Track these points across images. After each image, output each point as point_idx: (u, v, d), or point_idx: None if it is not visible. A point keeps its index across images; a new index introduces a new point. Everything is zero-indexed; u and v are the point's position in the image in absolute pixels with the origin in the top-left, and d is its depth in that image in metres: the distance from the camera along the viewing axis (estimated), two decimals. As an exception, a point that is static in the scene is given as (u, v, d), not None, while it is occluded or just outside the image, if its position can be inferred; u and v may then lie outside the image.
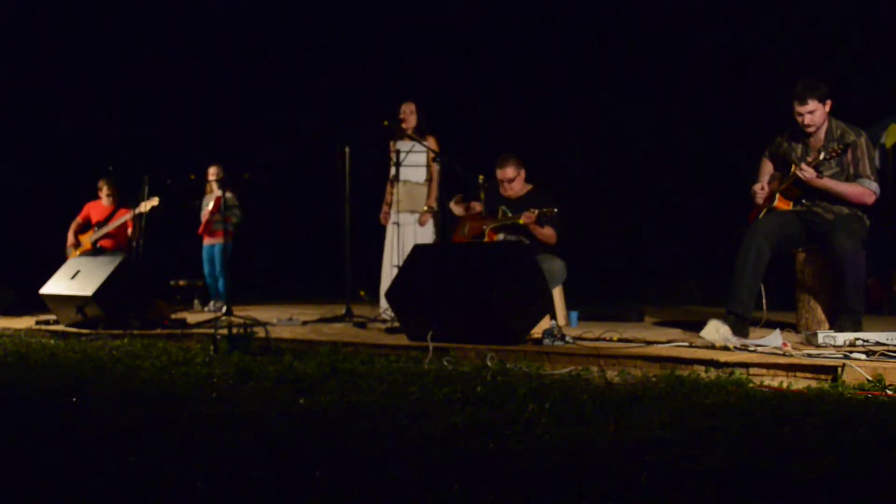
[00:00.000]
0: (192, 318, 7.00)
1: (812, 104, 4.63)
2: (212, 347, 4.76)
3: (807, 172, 4.63)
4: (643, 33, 12.54)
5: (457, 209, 6.35)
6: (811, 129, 4.71)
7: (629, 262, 12.06)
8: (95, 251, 7.60)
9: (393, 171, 6.65)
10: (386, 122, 6.51)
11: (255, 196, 8.94)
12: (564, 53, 12.94)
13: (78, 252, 7.79)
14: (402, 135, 6.64)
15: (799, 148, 4.84)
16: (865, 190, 4.61)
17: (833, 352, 3.74)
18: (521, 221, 5.70)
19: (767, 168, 5.08)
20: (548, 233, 5.75)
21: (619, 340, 4.47)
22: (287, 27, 13.88)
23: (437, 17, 13.43)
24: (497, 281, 4.52)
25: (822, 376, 3.42)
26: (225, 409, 3.01)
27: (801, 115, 4.67)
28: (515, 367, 3.93)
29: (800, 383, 3.43)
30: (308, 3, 13.71)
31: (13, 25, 11.61)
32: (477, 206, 6.21)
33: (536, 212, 5.62)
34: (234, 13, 13.52)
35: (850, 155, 4.64)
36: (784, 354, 3.74)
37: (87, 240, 7.99)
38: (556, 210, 5.60)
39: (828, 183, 4.64)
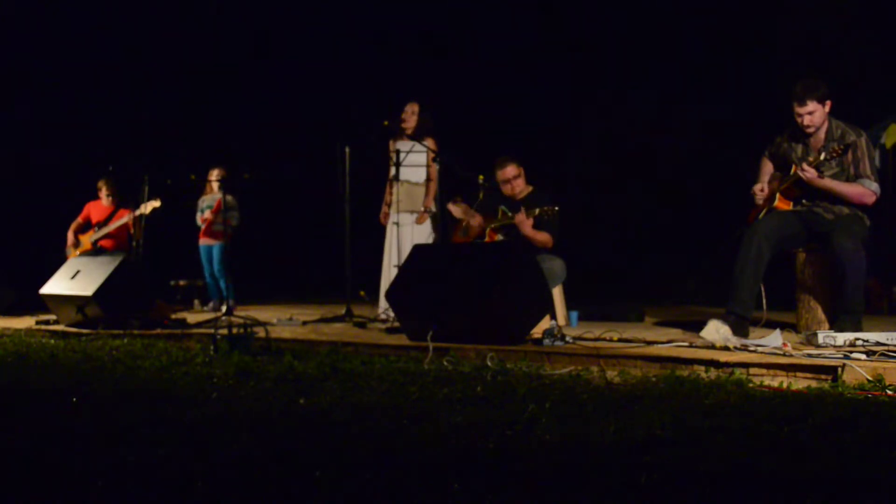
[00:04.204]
0: (192, 318, 7.00)
1: (811, 105, 4.62)
2: (212, 347, 4.76)
3: (808, 173, 4.63)
4: (644, 33, 12.54)
5: (456, 210, 6.33)
6: (811, 130, 4.71)
7: (629, 262, 12.06)
8: (95, 251, 7.59)
9: (392, 171, 6.65)
10: (386, 122, 6.51)
11: (255, 196, 8.94)
12: (565, 53, 12.94)
13: (78, 252, 7.79)
14: (402, 135, 6.64)
15: (799, 148, 4.84)
16: (865, 190, 4.61)
17: (833, 352, 3.74)
18: (514, 221, 5.66)
19: (767, 168, 5.08)
20: (542, 238, 5.71)
21: (619, 340, 4.47)
22: (287, 27, 13.88)
23: (438, 17, 13.43)
24: (497, 281, 4.52)
25: (822, 376, 3.42)
26: (225, 409, 3.01)
27: (800, 115, 4.67)
28: (515, 367, 3.93)
29: (800, 383, 3.43)
30: (308, 2, 13.71)
31: (14, 25, 11.61)
32: (476, 218, 6.16)
33: (536, 210, 5.59)
34: (235, 13, 13.52)
35: (850, 155, 4.63)
36: (784, 354, 3.74)
37: (87, 240, 7.99)
38: (556, 208, 5.57)
39: (828, 183, 4.64)
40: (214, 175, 8.31)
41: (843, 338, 3.86)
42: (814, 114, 4.64)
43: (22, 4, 11.78)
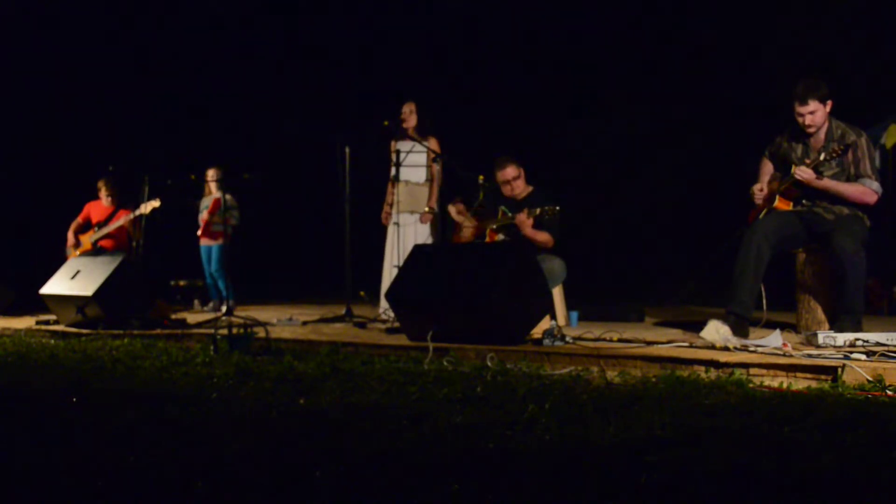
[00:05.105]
0: (192, 318, 7.00)
1: (813, 104, 4.62)
2: (212, 347, 4.76)
3: (805, 174, 4.63)
4: (643, 33, 12.54)
5: (451, 211, 6.34)
6: (812, 130, 4.70)
7: (629, 262, 12.06)
8: (95, 251, 7.60)
9: (393, 171, 6.65)
10: (386, 122, 6.51)
11: (254, 196, 8.94)
12: (564, 53, 12.94)
13: (78, 252, 7.80)
14: (403, 135, 6.65)
15: (799, 148, 4.84)
16: (867, 189, 4.60)
17: (833, 352, 3.74)
18: (515, 222, 5.66)
19: (767, 168, 5.07)
20: (543, 238, 5.70)
21: (619, 340, 4.47)
22: (287, 27, 13.88)
23: (438, 17, 13.42)
24: (497, 281, 4.52)
25: (822, 377, 3.42)
26: (225, 409, 3.01)
27: (801, 115, 4.66)
28: (515, 367, 3.93)
29: (800, 383, 3.42)
30: (308, 3, 13.71)
31: (14, 25, 11.61)
32: (470, 223, 6.16)
33: (538, 210, 5.58)
34: (235, 13, 13.52)
35: (850, 155, 4.63)
36: (784, 355, 3.73)
37: (87, 240, 7.99)
38: (558, 208, 5.56)
39: (828, 183, 4.63)
40: (210, 175, 8.31)
41: (843, 338, 3.86)
42: (815, 113, 4.64)
43: (21, 3, 11.78)
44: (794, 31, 11.35)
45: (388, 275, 6.49)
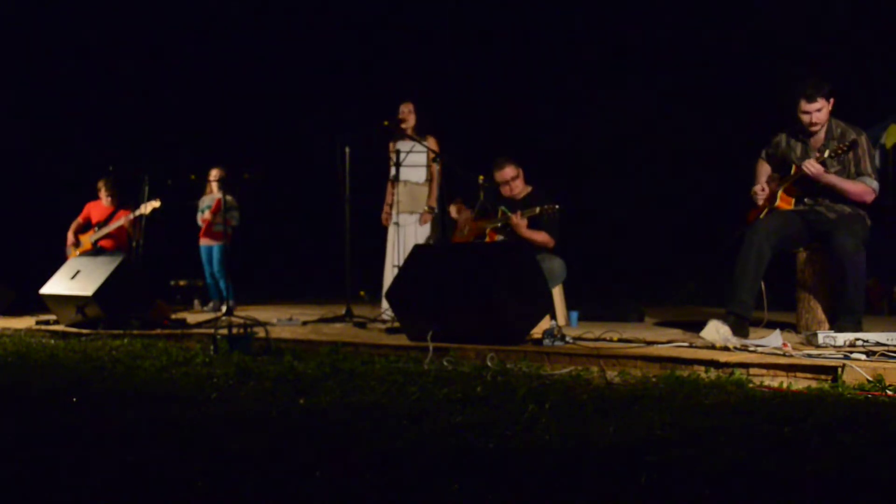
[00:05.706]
0: (192, 318, 7.00)
1: (820, 102, 4.63)
2: (212, 347, 4.76)
3: (814, 167, 4.62)
4: (643, 33, 12.54)
5: (452, 210, 6.34)
6: (816, 128, 4.70)
7: (629, 262, 12.06)
8: (95, 251, 7.60)
9: (393, 171, 6.65)
10: (386, 122, 6.51)
11: (254, 196, 8.95)
12: (564, 53, 12.94)
13: (78, 252, 7.80)
14: (402, 135, 6.64)
15: (799, 147, 4.84)
16: (867, 188, 4.61)
17: (833, 352, 3.74)
18: (512, 222, 5.64)
19: (765, 169, 5.07)
20: (541, 238, 5.69)
21: (619, 340, 4.47)
22: (287, 27, 13.88)
23: (438, 17, 13.42)
24: (497, 281, 4.52)
25: (822, 377, 3.42)
26: (225, 409, 3.01)
27: (808, 113, 4.66)
28: (515, 367, 3.93)
29: (800, 383, 3.42)
30: (308, 3, 13.72)
31: (14, 25, 11.61)
32: (465, 215, 6.17)
33: (537, 209, 5.57)
34: (234, 13, 13.52)
35: (851, 153, 4.64)
36: (784, 355, 3.73)
37: (87, 240, 7.99)
38: (557, 207, 5.55)
39: (833, 179, 4.63)
40: (213, 175, 8.31)
41: (843, 338, 3.86)
42: (821, 111, 4.64)
43: (22, 3, 11.78)
44: (794, 30, 11.35)
45: (389, 275, 6.49)
